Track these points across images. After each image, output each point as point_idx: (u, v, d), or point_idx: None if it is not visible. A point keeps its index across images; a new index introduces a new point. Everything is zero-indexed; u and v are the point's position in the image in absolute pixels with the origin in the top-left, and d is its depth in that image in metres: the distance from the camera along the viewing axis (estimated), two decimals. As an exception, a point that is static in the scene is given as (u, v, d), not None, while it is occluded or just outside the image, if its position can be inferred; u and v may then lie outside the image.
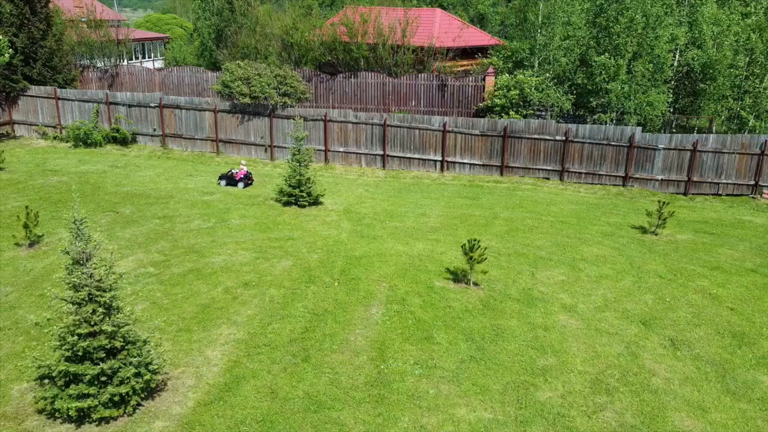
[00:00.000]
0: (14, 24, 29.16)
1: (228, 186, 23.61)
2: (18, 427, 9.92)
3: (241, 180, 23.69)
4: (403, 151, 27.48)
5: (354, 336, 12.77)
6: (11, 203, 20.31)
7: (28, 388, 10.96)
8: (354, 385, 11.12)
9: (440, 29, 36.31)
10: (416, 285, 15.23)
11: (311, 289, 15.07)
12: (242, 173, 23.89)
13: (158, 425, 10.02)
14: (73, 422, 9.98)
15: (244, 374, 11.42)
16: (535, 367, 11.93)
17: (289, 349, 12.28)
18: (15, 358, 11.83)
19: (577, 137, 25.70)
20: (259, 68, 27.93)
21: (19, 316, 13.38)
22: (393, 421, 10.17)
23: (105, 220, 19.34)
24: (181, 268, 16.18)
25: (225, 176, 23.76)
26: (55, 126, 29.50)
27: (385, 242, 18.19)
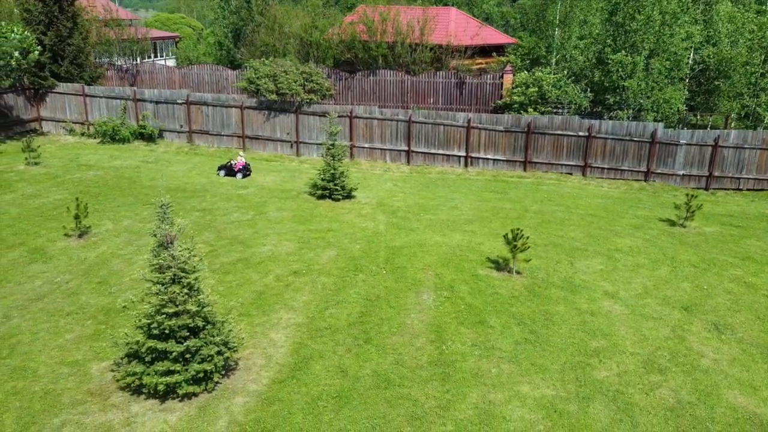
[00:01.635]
0: (42, 22, 29.59)
1: (227, 176, 24.39)
2: (105, 403, 10.38)
3: (239, 171, 24.48)
4: (428, 146, 27.95)
5: (410, 320, 13.24)
6: (53, 196, 20.76)
7: (106, 367, 11.42)
8: (418, 365, 11.59)
9: (456, 27, 36.82)
10: (461, 273, 15.70)
11: (360, 277, 15.53)
12: (241, 164, 24.62)
13: (239, 401, 10.49)
14: (158, 398, 10.43)
15: (311, 355, 11.88)
16: (587, 348, 12.41)
17: (349, 332, 12.75)
18: (87, 340, 12.29)
19: (600, 133, 26.18)
20: (284, 65, 28.40)
21: (83, 302, 13.83)
22: (462, 397, 10.64)
23: (147, 212, 19.78)
24: (230, 258, 16.63)
25: (224, 167, 24.60)
26: (83, 122, 29.93)
27: (422, 234, 18.65)
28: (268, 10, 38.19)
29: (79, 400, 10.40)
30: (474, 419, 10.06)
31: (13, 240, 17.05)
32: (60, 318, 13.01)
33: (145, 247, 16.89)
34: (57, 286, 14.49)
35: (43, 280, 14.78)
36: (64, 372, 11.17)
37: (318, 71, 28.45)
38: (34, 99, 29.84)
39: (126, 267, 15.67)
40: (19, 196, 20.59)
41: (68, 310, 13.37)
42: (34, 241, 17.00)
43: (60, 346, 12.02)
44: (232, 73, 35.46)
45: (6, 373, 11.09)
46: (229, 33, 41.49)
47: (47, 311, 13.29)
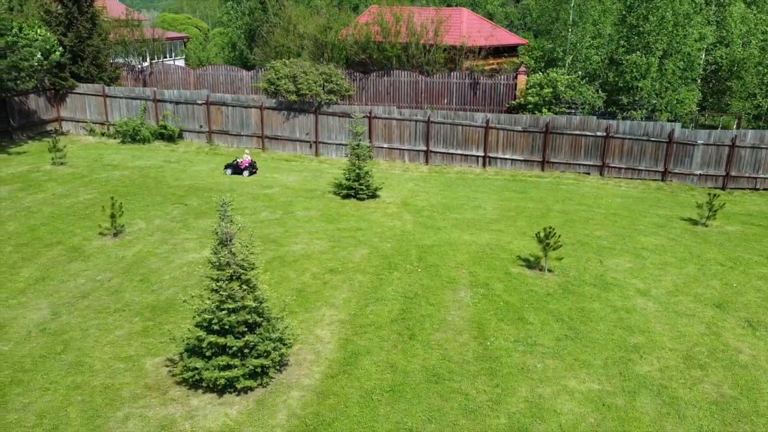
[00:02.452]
0: (62, 23, 29.84)
1: (234, 174, 24.78)
2: (164, 397, 10.65)
3: (246, 168, 24.88)
4: (446, 147, 28.23)
5: (450, 316, 13.52)
6: (83, 196, 21.01)
7: (159, 362, 11.68)
8: (465, 360, 11.87)
9: (469, 28, 37.13)
10: (494, 271, 15.98)
11: (394, 275, 15.80)
12: (247, 162, 25.01)
13: (295, 395, 10.76)
14: (216, 392, 10.70)
15: (358, 350, 12.16)
16: (627, 344, 12.69)
17: (393, 329, 13.02)
18: (138, 337, 12.55)
19: (618, 133, 26.48)
20: (304, 66, 28.67)
21: (128, 299, 14.09)
22: (511, 391, 10.92)
23: (177, 211, 20.04)
24: (265, 256, 16.86)
25: (231, 165, 25.02)
26: (103, 123, 30.18)
27: (450, 233, 18.92)
28: (283, 12, 38.45)
29: (138, 394, 10.66)
30: (526, 412, 10.33)
31: (50, 239, 17.29)
32: (108, 315, 13.26)
33: (179, 245, 17.16)
34: (100, 283, 14.73)
35: (86, 278, 15.03)
36: (119, 367, 11.42)
37: (337, 72, 28.74)
38: (55, 99, 30.10)
39: (164, 265, 15.93)
40: (50, 195, 20.84)
41: (114, 308, 13.62)
42: (70, 240, 17.25)
43: (111, 342, 12.27)
44: (246, 74, 35.74)
45: (63, 368, 11.34)
46: (242, 34, 41.70)
47: (94, 308, 13.55)
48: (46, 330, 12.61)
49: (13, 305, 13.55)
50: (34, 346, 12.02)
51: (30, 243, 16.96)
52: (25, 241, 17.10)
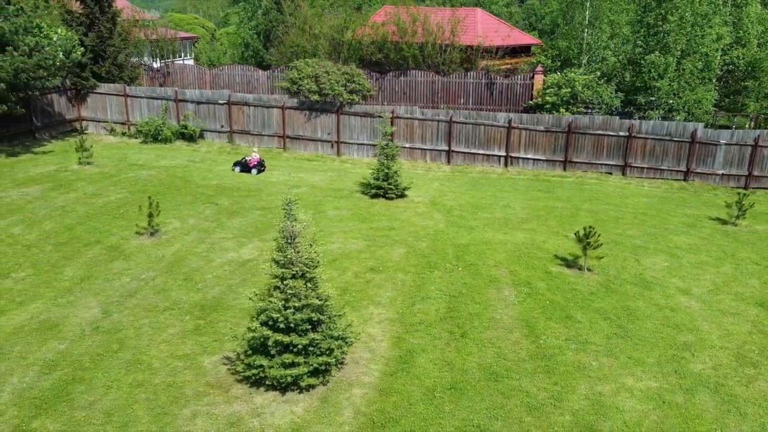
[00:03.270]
0: (83, 23, 29.88)
1: (242, 172, 24.96)
2: (227, 395, 10.72)
3: (254, 166, 25.09)
4: (468, 146, 28.32)
5: (498, 315, 13.60)
6: (114, 195, 21.07)
7: (217, 360, 11.76)
8: (520, 358, 11.95)
9: (483, 28, 37.27)
10: (534, 270, 16.06)
11: (435, 273, 15.88)
12: (255, 160, 25.21)
13: (357, 392, 10.83)
14: (278, 390, 10.77)
15: (412, 348, 12.23)
16: (677, 342, 12.77)
17: (443, 327, 13.10)
18: (191, 335, 12.62)
19: (641, 133, 26.58)
20: (326, 66, 28.74)
21: (175, 298, 14.16)
22: (571, 389, 11.00)
23: (209, 210, 20.10)
24: (303, 255, 16.89)
25: (239, 163, 25.22)
26: (124, 123, 30.21)
27: (484, 232, 19.00)
28: (299, 12, 38.51)
29: (201, 392, 10.72)
30: (588, 409, 10.41)
31: (88, 238, 17.35)
32: (158, 313, 13.33)
33: (217, 245, 17.23)
34: (145, 282, 14.80)
35: (130, 276, 15.09)
36: (178, 365, 11.48)
37: (359, 72, 28.83)
38: (75, 99, 30.15)
39: (205, 264, 15.99)
40: (81, 195, 20.89)
41: (163, 306, 13.69)
42: (108, 239, 17.30)
43: (165, 340, 12.34)
44: (263, 74, 35.80)
45: (123, 366, 11.41)
46: (255, 34, 41.74)
47: (143, 307, 13.61)
48: (100, 328, 12.66)
49: (63, 304, 13.60)
50: (90, 345, 12.08)
51: (69, 242, 17.01)
52: (64, 240, 17.15)
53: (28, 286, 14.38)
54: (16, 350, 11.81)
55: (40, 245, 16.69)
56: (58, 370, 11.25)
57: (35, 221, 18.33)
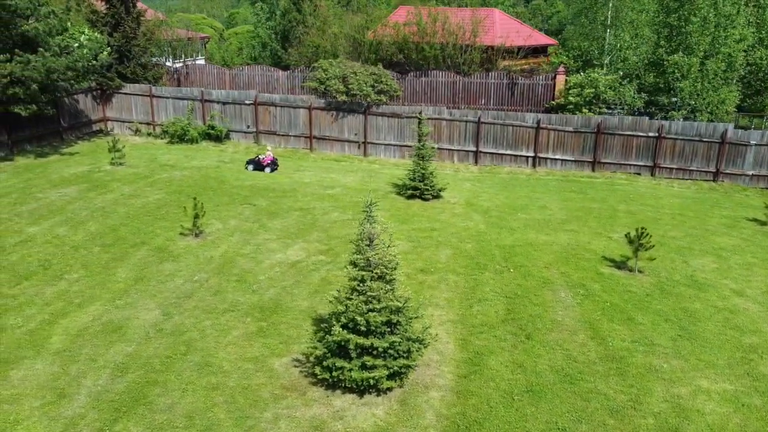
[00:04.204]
0: (109, 23, 29.80)
1: (255, 170, 25.04)
2: (304, 398, 10.67)
3: (267, 165, 25.22)
4: (496, 147, 28.29)
5: (559, 317, 13.56)
6: (152, 196, 21.00)
7: (287, 362, 11.71)
8: (590, 360, 11.91)
9: (502, 29, 37.29)
10: (585, 272, 16.03)
11: (486, 275, 15.84)
12: (269, 159, 25.32)
13: (434, 395, 10.79)
14: (356, 393, 10.73)
15: (480, 350, 12.19)
16: (742, 344, 12.75)
17: (506, 329, 13.06)
18: (256, 337, 12.57)
19: (670, 134, 26.58)
20: (353, 66, 28.70)
21: (232, 299, 14.10)
22: (648, 392, 10.96)
23: (248, 211, 20.05)
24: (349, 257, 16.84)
25: (253, 161, 25.34)
26: (149, 123, 30.13)
27: (526, 233, 18.97)
28: (319, 12, 38.46)
29: (278, 395, 10.67)
30: (670, 412, 10.38)
31: (134, 239, 17.29)
32: (218, 315, 13.28)
33: (263, 246, 17.18)
34: (199, 284, 14.74)
35: (182, 278, 15.03)
36: (249, 368, 11.44)
37: (386, 72, 28.80)
38: (101, 99, 30.05)
39: (255, 266, 15.94)
40: (118, 195, 20.83)
41: (222, 308, 13.63)
42: (153, 240, 17.25)
43: (231, 342, 12.29)
44: (282, 74, 35.73)
45: (194, 369, 11.35)
46: (273, 34, 41.69)
47: (202, 309, 13.56)
48: (163, 331, 12.61)
49: (122, 306, 13.55)
50: (158, 347, 12.03)
51: (115, 243, 16.96)
52: (110, 241, 17.09)
53: (84, 288, 14.31)
54: (85, 352, 11.75)
55: (88, 246, 16.62)
56: (130, 372, 11.18)
57: (78, 222, 18.26)
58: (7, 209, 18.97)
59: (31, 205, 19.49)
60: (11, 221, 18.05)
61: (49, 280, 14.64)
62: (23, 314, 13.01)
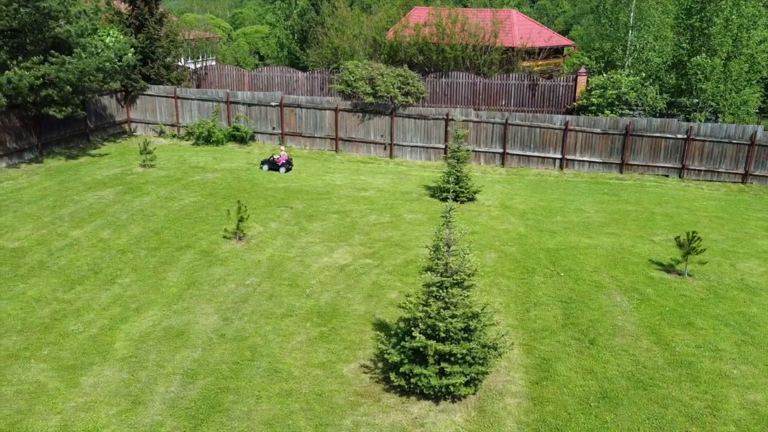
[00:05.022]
0: (133, 25, 29.70)
1: (270, 170, 25.17)
2: (379, 404, 10.60)
3: (282, 165, 25.31)
4: (523, 149, 28.24)
5: (619, 322, 13.51)
6: (188, 199, 20.92)
7: (355, 368, 11.66)
8: (658, 366, 11.86)
9: (520, 30, 37.27)
10: (634, 276, 15.98)
11: (536, 279, 15.78)
12: (284, 159, 25.42)
13: (510, 401, 10.73)
14: (430, 399, 10.67)
15: (545, 356, 12.14)
16: (807, 349, 12.69)
17: (567, 334, 13.00)
18: (319, 342, 12.50)
19: (699, 135, 26.55)
20: (380, 68, 28.63)
21: (288, 304, 14.04)
22: (723, 398, 10.92)
23: (286, 214, 19.98)
24: (397, 260, 16.86)
25: (267, 161, 25.41)
26: (173, 124, 30.04)
27: (567, 236, 18.92)
28: (338, 13, 38.39)
29: (353, 401, 10.61)
30: (749, 420, 10.33)
31: (178, 242, 17.21)
32: (278, 320, 13.21)
33: (308, 249, 17.11)
34: (252, 288, 14.67)
35: (234, 282, 14.96)
36: (318, 374, 11.37)
37: (413, 74, 28.72)
38: (125, 101, 29.94)
39: (304, 270, 15.87)
40: (155, 198, 20.74)
41: (279, 313, 13.57)
42: (198, 244, 17.17)
43: (296, 348, 12.23)
44: (302, 75, 35.66)
45: (264, 375, 11.29)
46: (290, 34, 41.62)
47: (260, 313, 13.50)
48: (225, 336, 12.54)
49: (180, 311, 13.47)
50: (223, 353, 11.96)
51: (160, 247, 16.88)
52: (155, 245, 17.02)
53: (137, 292, 14.24)
54: (151, 358, 11.67)
55: (134, 250, 16.54)
56: (200, 379, 11.11)
57: (120, 225, 18.18)
58: (47, 212, 18.88)
59: (70, 208, 19.39)
60: (54, 224, 17.97)
61: (102, 284, 14.55)
62: (82, 319, 12.92)
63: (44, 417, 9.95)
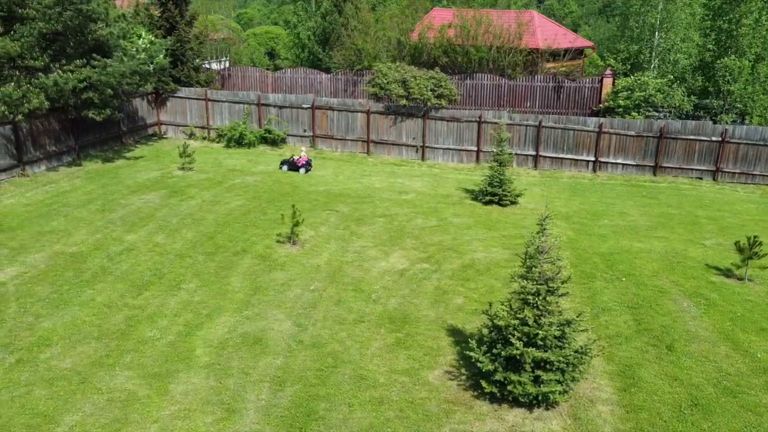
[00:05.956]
0: (163, 27, 29.66)
1: (290, 171, 25.31)
2: (473, 412, 10.59)
3: (302, 166, 25.45)
4: (556, 151, 28.25)
5: (692, 327, 13.51)
6: (234, 202, 20.89)
7: (440, 375, 11.65)
8: (743, 373, 11.86)
9: (542, 31, 37.30)
10: (695, 280, 15.99)
11: (597, 283, 15.78)
12: (304, 160, 25.57)
13: (602, 409, 10.72)
14: (523, 407, 10.65)
15: (627, 362, 12.13)
16: None
17: (643, 340, 13.01)
18: (397, 348, 12.49)
19: (734, 138, 26.57)
20: (412, 71, 28.62)
21: (358, 309, 14.03)
22: (814, 405, 10.91)
23: (333, 218, 19.97)
24: (454, 264, 16.85)
25: (287, 162, 25.59)
26: (203, 126, 29.99)
27: (617, 240, 18.92)
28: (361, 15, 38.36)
29: (446, 409, 10.60)
30: None
31: (233, 247, 17.19)
32: (351, 326, 13.20)
33: (363, 254, 17.10)
34: (318, 294, 14.66)
35: (299, 288, 14.95)
36: (404, 381, 11.36)
37: (445, 76, 28.71)
38: (155, 103, 29.89)
39: (365, 274, 15.85)
40: (200, 202, 20.71)
41: (351, 318, 13.56)
42: (253, 248, 17.15)
43: (375, 354, 12.22)
44: (326, 77, 35.62)
45: (351, 382, 11.28)
46: (312, 37, 41.59)
47: (332, 319, 13.48)
48: (303, 343, 12.52)
49: (252, 317, 13.45)
50: (305, 359, 11.94)
51: (217, 251, 16.85)
52: (211, 249, 16.99)
53: (205, 298, 14.21)
54: (235, 365, 11.65)
55: (192, 255, 16.51)
56: (288, 386, 11.10)
57: (173, 230, 18.15)
58: (98, 216, 18.84)
59: (119, 212, 19.35)
60: (107, 229, 17.93)
61: (168, 289, 14.52)
62: (157, 326, 12.90)
63: (142, 426, 9.93)
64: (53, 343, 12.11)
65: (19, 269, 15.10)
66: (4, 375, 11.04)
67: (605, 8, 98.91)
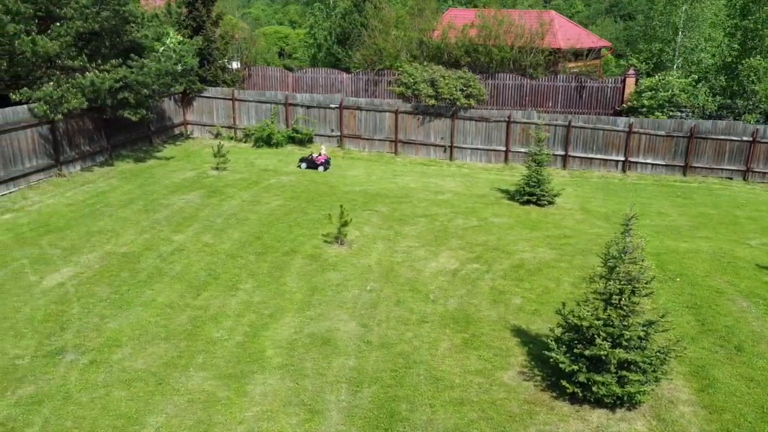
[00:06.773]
0: (190, 26, 29.59)
1: (308, 168, 25.33)
2: (553, 413, 10.56)
3: (321, 164, 25.42)
4: (585, 151, 28.22)
5: (757, 328, 13.52)
6: (274, 202, 20.84)
7: (514, 375, 11.62)
8: (816, 373, 11.81)
9: (562, 32, 37.32)
10: (749, 281, 15.98)
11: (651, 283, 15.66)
12: (323, 158, 25.60)
13: (684, 410, 10.69)
14: (605, 407, 10.62)
15: (699, 363, 12.12)
16: None
17: (708, 340, 13.00)
18: (466, 349, 12.45)
19: (765, 138, 26.55)
20: (439, 70, 28.60)
21: (419, 310, 13.99)
22: None
23: (374, 218, 19.92)
24: (504, 265, 16.81)
25: (306, 159, 25.61)
26: (230, 126, 29.93)
27: (662, 240, 18.90)
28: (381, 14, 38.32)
29: (528, 410, 10.56)
30: None
31: (281, 247, 17.14)
32: (415, 327, 13.16)
33: (411, 254, 17.04)
34: (376, 294, 14.61)
35: (356, 288, 14.91)
36: (481, 382, 11.31)
37: (474, 76, 28.68)
38: (182, 103, 29.82)
39: (417, 275, 15.82)
40: (240, 202, 20.66)
41: (414, 319, 13.51)
42: (302, 249, 17.10)
43: (445, 355, 12.19)
44: (347, 77, 35.58)
45: (427, 383, 11.24)
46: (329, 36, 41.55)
47: (395, 320, 13.43)
48: (372, 343, 12.47)
49: (315, 317, 13.41)
50: (376, 360, 11.89)
51: (266, 251, 16.80)
52: (260, 249, 16.94)
53: (264, 298, 14.16)
54: (308, 366, 11.61)
55: (242, 255, 16.45)
56: (365, 387, 11.05)
57: (218, 230, 18.09)
58: (143, 216, 18.78)
59: (163, 212, 19.30)
60: (154, 229, 17.87)
61: (226, 290, 14.46)
62: (222, 326, 12.84)
63: (228, 427, 9.87)
64: (123, 343, 12.05)
65: (75, 269, 15.03)
66: (81, 376, 10.97)
67: (612, 8, 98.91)
